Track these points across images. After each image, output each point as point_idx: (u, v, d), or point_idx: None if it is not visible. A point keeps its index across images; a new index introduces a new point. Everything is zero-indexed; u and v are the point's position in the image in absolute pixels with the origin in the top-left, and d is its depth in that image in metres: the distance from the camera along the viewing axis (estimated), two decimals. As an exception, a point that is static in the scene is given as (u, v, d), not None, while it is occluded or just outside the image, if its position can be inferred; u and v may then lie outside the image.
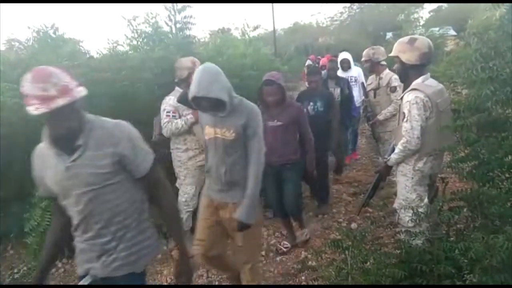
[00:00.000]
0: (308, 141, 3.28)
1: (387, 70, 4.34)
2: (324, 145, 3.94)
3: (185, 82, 3.30)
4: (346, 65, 5.57)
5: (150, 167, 1.67)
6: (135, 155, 1.61)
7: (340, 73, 5.38)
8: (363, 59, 4.52)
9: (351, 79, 5.39)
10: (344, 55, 5.71)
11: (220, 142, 2.22)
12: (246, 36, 5.23)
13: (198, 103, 2.18)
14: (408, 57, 2.53)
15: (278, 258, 3.39)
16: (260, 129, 2.22)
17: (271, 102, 3.04)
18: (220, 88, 2.08)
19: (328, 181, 4.39)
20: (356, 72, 5.65)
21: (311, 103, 3.94)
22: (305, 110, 3.74)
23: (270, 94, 2.99)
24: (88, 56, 4.24)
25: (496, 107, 2.14)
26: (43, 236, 2.97)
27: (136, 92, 3.66)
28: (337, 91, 4.78)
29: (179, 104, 3.15)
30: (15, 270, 3.48)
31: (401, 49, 2.58)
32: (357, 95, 5.39)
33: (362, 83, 5.16)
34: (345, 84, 4.86)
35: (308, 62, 13.75)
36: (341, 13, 28.11)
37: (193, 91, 2.07)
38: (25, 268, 3.43)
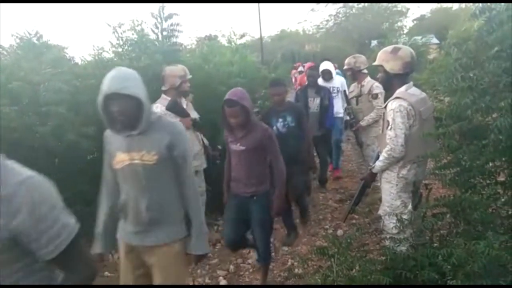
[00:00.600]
0: (277, 172, 2.72)
1: (368, 78, 4.45)
2: (301, 164, 3.58)
3: (177, 90, 3.29)
4: (327, 76, 5.34)
5: (60, 251, 1.10)
6: (38, 233, 1.07)
7: (321, 83, 5.22)
8: (345, 67, 4.60)
9: (333, 89, 5.25)
10: (325, 65, 5.39)
11: (138, 169, 1.81)
12: (233, 43, 5.25)
13: (107, 111, 1.75)
14: (392, 66, 2.58)
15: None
16: (189, 151, 1.92)
17: (234, 124, 2.64)
18: (136, 85, 1.74)
19: (307, 203, 3.97)
20: (338, 82, 5.47)
21: (280, 120, 3.55)
22: (274, 128, 3.47)
23: (232, 116, 2.58)
24: (72, 63, 4.20)
25: (476, 115, 2.19)
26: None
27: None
28: (316, 101, 4.61)
29: (167, 112, 3.14)
30: None
31: (384, 58, 2.63)
32: (340, 106, 5.29)
33: (344, 91, 5.13)
34: (325, 94, 4.67)
35: (301, 68, 13.77)
36: (327, 21, 28.50)
37: (103, 90, 1.69)
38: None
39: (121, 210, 1.91)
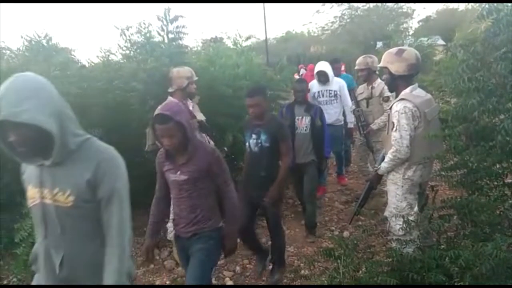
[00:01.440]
0: (228, 204, 2.21)
1: (379, 80, 4.31)
2: (270, 194, 2.89)
3: (184, 91, 3.32)
4: (323, 78, 4.74)
5: None
6: None
7: (317, 86, 4.78)
8: (357, 67, 4.47)
9: (330, 93, 4.76)
10: (321, 66, 4.81)
11: (51, 211, 1.41)
12: (238, 45, 5.27)
13: (3, 138, 1.34)
14: (397, 68, 2.59)
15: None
16: (124, 188, 1.44)
17: (169, 147, 2.06)
18: (38, 108, 1.27)
19: (283, 242, 3.25)
20: (336, 85, 4.81)
21: (254, 136, 2.94)
22: (247, 144, 3.00)
23: (165, 135, 2.01)
24: (80, 65, 4.24)
25: (483, 116, 2.19)
26: (33, 247, 2.94)
27: (128, 102, 3.66)
28: (305, 121, 3.78)
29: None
30: (5, 282, 3.42)
31: (389, 60, 2.63)
32: (336, 112, 4.79)
33: (353, 92, 4.77)
34: (317, 113, 3.80)
35: (302, 70, 13.72)
36: (332, 22, 28.43)
37: None
38: (14, 279, 3.38)
39: (34, 261, 1.54)
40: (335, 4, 26.91)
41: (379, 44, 18.71)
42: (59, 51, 3.96)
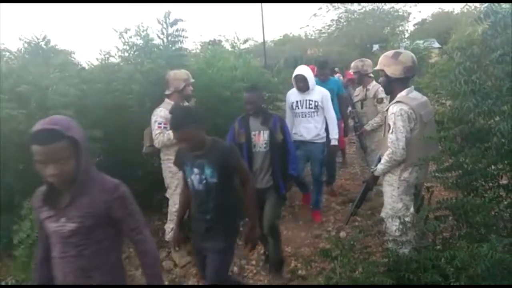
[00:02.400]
0: (146, 259, 1.65)
1: (374, 82, 4.45)
2: (228, 242, 2.33)
3: (181, 93, 3.35)
4: (302, 84, 3.89)
5: None
6: None
7: (295, 95, 4.00)
8: (351, 71, 4.61)
9: (309, 104, 3.93)
10: (300, 70, 3.94)
11: None
12: (236, 48, 5.29)
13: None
14: (393, 71, 2.62)
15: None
16: None
17: (54, 179, 1.47)
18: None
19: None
20: (318, 95, 3.95)
21: (196, 170, 2.25)
22: (189, 181, 2.30)
23: (48, 161, 1.43)
24: (79, 67, 4.25)
25: (479, 118, 2.22)
26: (32, 248, 2.94)
27: (126, 104, 3.68)
28: (263, 136, 3.03)
29: (169, 115, 3.19)
30: (3, 283, 3.42)
31: (386, 63, 2.66)
32: (317, 127, 3.98)
33: (350, 96, 4.91)
34: (276, 125, 3.04)
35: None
36: (329, 26, 28.55)
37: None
38: (13, 281, 3.37)
39: None
40: (331, 8, 27.05)
41: (376, 47, 18.82)
42: (57, 53, 3.97)
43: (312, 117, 3.96)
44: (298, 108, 3.98)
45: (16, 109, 2.98)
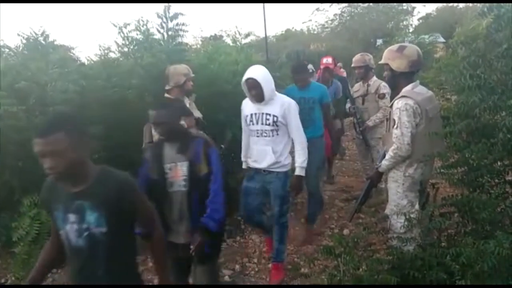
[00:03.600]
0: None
1: (374, 77, 4.38)
2: None
3: (181, 88, 3.31)
4: (255, 92, 2.82)
5: None
6: None
7: (251, 107, 2.94)
8: (354, 65, 4.50)
9: (266, 119, 2.88)
10: (252, 72, 2.83)
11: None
12: (238, 43, 5.24)
13: None
14: (398, 65, 2.57)
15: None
16: None
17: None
18: None
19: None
20: (278, 107, 2.87)
21: (72, 218, 1.55)
22: (62, 233, 1.55)
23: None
24: (78, 63, 4.22)
25: (484, 113, 2.17)
26: (32, 245, 2.93)
27: (127, 99, 3.65)
28: (182, 169, 2.22)
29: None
30: (3, 280, 3.42)
31: (390, 57, 2.61)
32: (277, 151, 2.91)
33: (349, 90, 4.78)
34: (199, 153, 2.22)
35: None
36: (332, 20, 28.36)
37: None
38: (13, 278, 3.37)
39: None
40: (334, 2, 26.89)
41: (379, 42, 18.69)
42: (56, 49, 3.94)
43: (270, 137, 2.88)
44: (253, 124, 2.92)
45: (15, 105, 2.96)
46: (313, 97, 3.66)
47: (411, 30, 22.77)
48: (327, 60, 4.95)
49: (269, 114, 2.86)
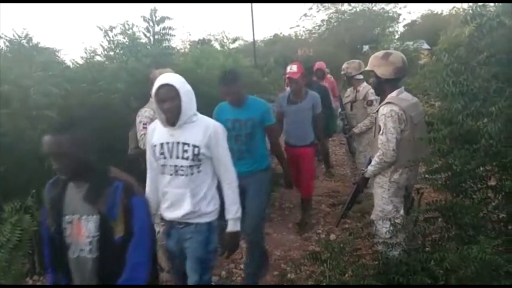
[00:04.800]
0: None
1: (364, 84, 4.40)
2: None
3: None
4: (167, 107, 1.98)
5: None
6: None
7: (162, 132, 2.10)
8: (354, 72, 4.55)
9: (183, 151, 2.05)
10: (166, 79, 2.05)
11: None
12: (225, 47, 5.25)
13: None
14: (383, 72, 2.60)
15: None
16: None
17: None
18: None
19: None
20: (201, 133, 2.07)
21: None
22: None
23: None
24: (63, 66, 4.16)
25: (467, 120, 2.21)
26: (13, 252, 2.85)
27: (112, 103, 3.60)
28: (86, 227, 1.55)
29: (155, 116, 3.12)
30: (-18, 289, 3.32)
31: (376, 64, 2.64)
32: (198, 196, 2.08)
33: (340, 96, 5.00)
34: (116, 204, 1.52)
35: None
36: (320, 26, 28.67)
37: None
38: (-7, 286, 3.28)
39: None
40: (322, 8, 27.16)
41: (366, 48, 18.93)
42: (41, 52, 3.88)
43: (188, 175, 2.04)
44: (165, 158, 2.07)
45: (-2, 109, 2.90)
46: (252, 118, 2.74)
47: (397, 36, 23.14)
48: (291, 68, 3.78)
49: (188, 144, 2.01)
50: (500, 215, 2.27)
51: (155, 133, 2.13)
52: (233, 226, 2.13)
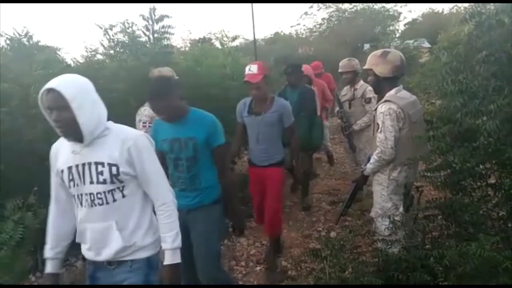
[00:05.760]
0: None
1: (361, 82, 4.41)
2: None
3: None
4: (61, 124, 1.55)
5: None
6: None
7: (67, 153, 1.65)
8: (341, 70, 4.52)
9: (98, 173, 1.61)
10: (55, 83, 1.61)
11: None
12: (225, 46, 5.25)
13: None
14: (381, 70, 2.61)
15: (258, 268, 3.37)
16: None
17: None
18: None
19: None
20: (117, 147, 1.64)
21: None
22: None
23: None
24: (64, 64, 4.17)
25: (466, 118, 2.22)
26: (15, 250, 2.87)
27: (111, 103, 3.60)
28: None
29: (155, 114, 3.12)
30: (-16, 286, 3.34)
31: (374, 62, 2.65)
32: (128, 229, 1.65)
33: (337, 95, 4.83)
34: None
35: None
36: (320, 24, 28.61)
37: None
38: (-5, 283, 3.29)
39: None
40: (323, 6, 27.11)
41: (366, 46, 18.91)
42: (41, 50, 3.88)
43: (109, 203, 1.61)
44: (76, 186, 1.63)
45: (-3, 107, 2.90)
46: (194, 137, 2.17)
47: (397, 35, 23.12)
48: (250, 69, 2.90)
49: (102, 164, 1.58)
50: (499, 213, 2.27)
51: (59, 155, 1.66)
52: (171, 258, 1.68)
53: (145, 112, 3.22)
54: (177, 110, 2.17)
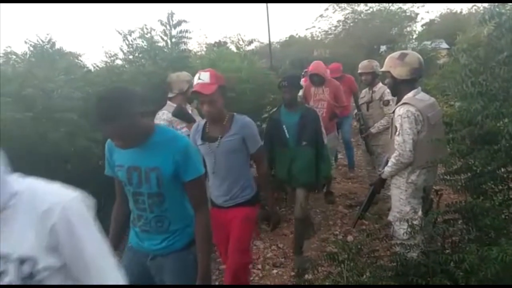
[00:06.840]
0: None
1: (380, 84, 4.36)
2: None
3: (184, 95, 3.34)
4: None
5: None
6: None
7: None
8: (361, 71, 4.48)
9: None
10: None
11: None
12: (241, 50, 5.28)
13: None
14: (399, 72, 2.58)
15: (274, 271, 3.38)
16: None
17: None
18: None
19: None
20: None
21: None
22: None
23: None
24: (85, 70, 4.27)
25: (487, 120, 2.18)
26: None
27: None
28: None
29: (173, 118, 3.16)
30: None
31: (392, 64, 2.63)
32: None
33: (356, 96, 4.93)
34: None
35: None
36: (336, 26, 28.44)
37: None
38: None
39: None
40: (338, 8, 26.94)
41: (383, 48, 18.72)
42: (63, 56, 3.99)
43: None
44: None
45: (21, 112, 2.99)
46: (159, 166, 1.63)
47: (414, 36, 22.79)
48: (200, 78, 2.22)
49: (5, 258, 0.96)
50: (521, 217, 2.23)
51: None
52: None
53: (163, 116, 3.27)
54: (135, 134, 1.57)
